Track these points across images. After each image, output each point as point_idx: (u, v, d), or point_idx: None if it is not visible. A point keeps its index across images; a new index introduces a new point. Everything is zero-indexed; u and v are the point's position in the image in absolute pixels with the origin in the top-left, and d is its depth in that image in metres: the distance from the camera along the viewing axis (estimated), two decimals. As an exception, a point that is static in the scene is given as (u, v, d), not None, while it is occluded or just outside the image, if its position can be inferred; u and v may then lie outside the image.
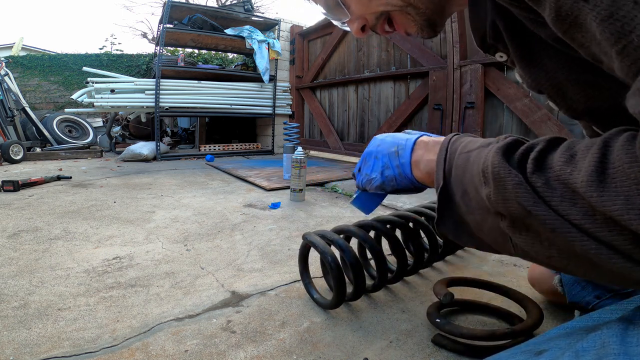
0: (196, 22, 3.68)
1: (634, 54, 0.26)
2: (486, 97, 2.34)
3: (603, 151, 0.28)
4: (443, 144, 0.47)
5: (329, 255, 0.71)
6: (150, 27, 14.30)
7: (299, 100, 4.23)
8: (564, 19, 0.30)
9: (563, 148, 0.33)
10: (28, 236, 1.22)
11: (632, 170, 0.26)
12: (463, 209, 0.42)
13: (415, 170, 0.53)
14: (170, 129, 5.13)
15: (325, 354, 0.63)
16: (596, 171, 0.28)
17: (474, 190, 0.39)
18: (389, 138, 0.59)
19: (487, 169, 0.36)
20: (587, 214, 0.29)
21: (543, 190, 0.31)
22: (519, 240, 0.35)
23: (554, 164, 0.31)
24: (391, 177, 0.56)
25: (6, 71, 3.57)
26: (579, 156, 0.30)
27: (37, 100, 5.64)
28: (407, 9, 0.51)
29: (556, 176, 0.31)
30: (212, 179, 2.46)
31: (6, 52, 9.08)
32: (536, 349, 0.36)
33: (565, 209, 0.30)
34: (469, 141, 0.43)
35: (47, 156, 3.39)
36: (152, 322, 0.72)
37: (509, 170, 0.33)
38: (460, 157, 0.42)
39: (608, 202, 0.27)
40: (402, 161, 0.54)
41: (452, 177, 0.43)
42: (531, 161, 0.33)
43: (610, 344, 0.29)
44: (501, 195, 0.34)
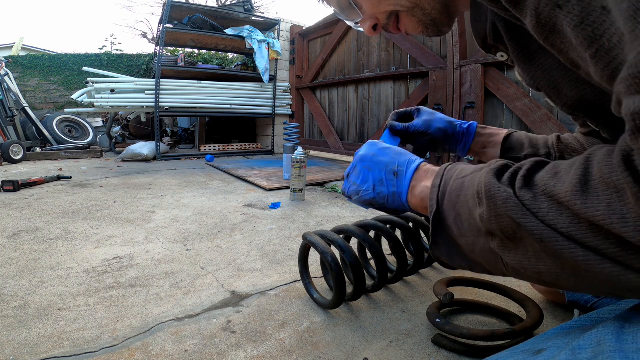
0: (196, 22, 3.68)
1: (606, 57, 0.27)
2: (486, 97, 2.34)
3: (585, 166, 0.30)
4: (439, 171, 0.48)
5: (329, 255, 0.71)
6: (150, 27, 14.30)
7: (299, 100, 4.23)
8: (543, 25, 0.32)
9: (549, 167, 0.35)
10: (28, 236, 1.22)
11: (611, 180, 0.27)
12: (455, 232, 0.43)
13: (409, 195, 0.52)
14: (170, 129, 5.13)
15: (325, 354, 0.63)
16: (579, 182, 0.29)
17: (467, 212, 0.40)
18: (388, 152, 0.57)
19: (481, 190, 0.37)
20: (573, 222, 0.30)
21: (531, 204, 0.33)
22: (509, 259, 0.36)
23: (540, 181, 0.33)
24: (384, 196, 0.54)
25: (6, 71, 3.57)
26: (562, 172, 0.32)
27: (37, 100, 5.64)
28: (414, 10, 0.54)
29: (542, 191, 0.33)
30: (212, 179, 2.46)
31: (6, 52, 9.08)
32: (535, 349, 0.36)
33: (553, 219, 0.31)
34: (463, 168, 0.45)
35: (47, 156, 3.39)
36: (152, 322, 0.72)
37: (499, 187, 0.35)
38: (456, 182, 0.44)
39: (591, 209, 0.28)
40: (400, 184, 0.53)
41: (446, 202, 0.44)
42: (520, 179, 0.35)
43: (606, 341, 0.29)
44: (493, 211, 0.35)
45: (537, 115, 2.06)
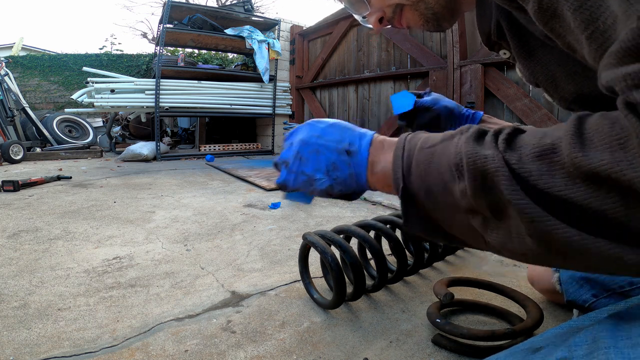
0: (196, 22, 3.68)
1: (600, 38, 0.29)
2: (486, 97, 2.34)
3: (578, 121, 0.29)
4: (399, 141, 0.43)
5: (329, 255, 0.71)
6: (150, 27, 14.30)
7: (299, 100, 4.24)
8: (545, 11, 0.33)
9: (532, 130, 0.33)
10: (28, 236, 1.22)
11: (613, 131, 0.26)
12: (429, 207, 0.39)
13: (369, 174, 0.45)
14: (170, 129, 5.13)
15: (325, 354, 0.63)
16: (575, 134, 0.28)
17: (441, 186, 0.36)
18: (334, 129, 0.48)
19: (461, 161, 0.34)
20: (569, 184, 0.28)
21: (519, 167, 0.30)
22: (492, 238, 0.34)
23: (527, 142, 0.31)
24: (340, 180, 0.46)
25: (6, 71, 3.57)
26: (550, 132, 0.31)
27: (37, 100, 5.64)
28: (418, 4, 0.56)
29: (530, 151, 0.30)
30: (212, 179, 2.46)
31: (6, 52, 9.07)
32: (533, 347, 0.36)
33: (546, 182, 0.29)
34: (428, 137, 0.40)
35: (47, 156, 3.39)
36: (152, 322, 0.72)
37: (485, 156, 0.32)
38: (422, 152, 0.39)
39: (595, 158, 0.26)
40: (355, 162, 0.45)
41: (413, 176, 0.39)
42: (502, 141, 0.32)
43: (601, 338, 0.30)
44: (480, 186, 0.32)
45: (537, 115, 2.06)
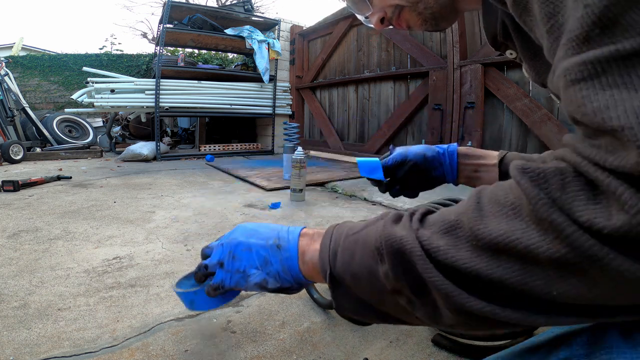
0: (196, 22, 3.68)
1: (556, 32, 0.29)
2: (486, 97, 2.34)
3: (477, 195, 0.31)
4: (327, 231, 0.45)
5: None
6: (150, 27, 14.30)
7: (299, 100, 4.24)
8: (518, 4, 0.34)
9: (441, 210, 0.35)
10: (28, 236, 1.22)
11: (507, 200, 0.28)
12: (358, 291, 0.40)
13: (301, 264, 0.47)
14: (170, 129, 5.13)
15: (325, 354, 0.63)
16: (475, 208, 0.30)
17: (367, 271, 0.37)
18: (262, 228, 0.52)
19: (381, 245, 0.35)
20: (473, 256, 0.29)
21: (428, 244, 0.32)
22: (420, 314, 0.34)
23: (436, 220, 0.33)
24: (274, 273, 0.48)
25: (6, 71, 3.57)
26: (455, 208, 0.33)
27: (37, 100, 5.64)
28: (417, 5, 0.56)
29: (439, 228, 0.32)
30: (212, 179, 2.46)
31: (6, 52, 9.08)
32: (533, 347, 0.36)
33: (453, 256, 0.30)
34: (354, 224, 0.42)
35: (47, 156, 3.39)
36: (152, 322, 0.72)
37: (401, 238, 0.33)
38: (347, 240, 0.40)
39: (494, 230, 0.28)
40: (286, 255, 0.47)
41: (338, 263, 0.40)
42: (415, 221, 0.34)
43: (603, 338, 0.30)
44: (399, 267, 0.33)
45: (537, 115, 2.06)
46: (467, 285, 0.30)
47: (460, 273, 0.30)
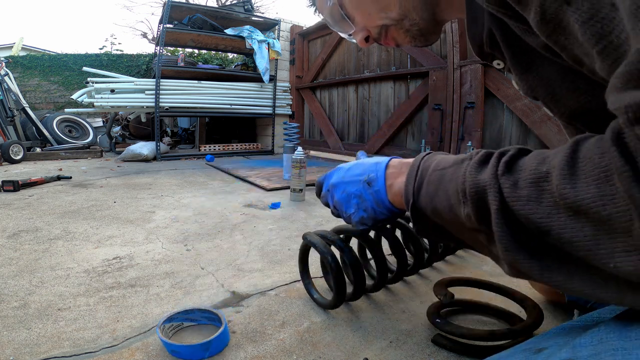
0: (196, 22, 3.68)
1: (614, 53, 0.27)
2: (486, 97, 2.34)
3: (574, 148, 0.30)
4: (415, 161, 0.47)
5: (329, 255, 0.71)
6: (150, 27, 14.31)
7: (299, 100, 4.24)
8: (548, 22, 0.31)
9: (535, 153, 0.34)
10: (28, 236, 1.22)
11: (601, 160, 0.27)
12: (438, 221, 0.43)
13: (390, 195, 0.51)
14: (170, 129, 5.13)
15: (325, 354, 0.63)
16: (567, 164, 0.29)
17: (448, 208, 0.39)
18: (355, 167, 0.57)
19: (465, 189, 0.36)
20: (552, 212, 0.30)
21: (509, 193, 0.32)
22: (495, 251, 0.36)
23: (526, 166, 0.33)
24: (369, 208, 0.53)
25: (6, 71, 3.57)
26: (550, 157, 0.32)
27: (37, 100, 5.64)
28: (403, 22, 0.55)
29: (526, 176, 0.32)
30: (212, 179, 2.46)
31: (6, 52, 9.07)
32: (535, 347, 0.36)
33: (531, 209, 0.31)
34: (442, 158, 0.44)
35: (47, 156, 3.39)
36: (152, 322, 0.72)
37: (484, 186, 0.35)
38: (434, 174, 0.42)
39: (581, 192, 0.27)
40: (376, 189, 0.52)
41: (422, 194, 0.43)
42: (502, 164, 0.34)
43: (608, 339, 0.29)
44: (481, 214, 0.35)
45: (537, 115, 2.06)
46: (530, 240, 0.32)
47: (530, 226, 0.31)
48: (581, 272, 0.30)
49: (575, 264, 0.30)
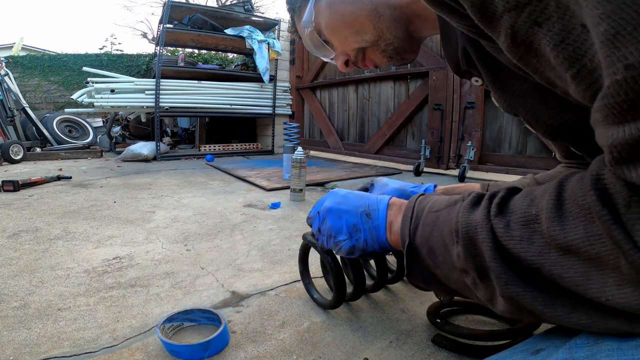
0: (196, 22, 3.68)
1: (588, 77, 0.26)
2: (486, 97, 2.34)
3: (559, 190, 0.31)
4: (410, 202, 0.48)
5: (329, 255, 0.71)
6: (150, 27, 14.31)
7: (299, 100, 4.24)
8: (519, 44, 0.30)
9: (523, 192, 0.35)
10: (28, 236, 1.22)
11: (585, 202, 0.28)
12: (430, 264, 0.43)
13: (388, 234, 0.50)
14: (170, 129, 5.13)
15: (325, 354, 0.63)
16: (554, 207, 0.30)
17: (442, 248, 0.40)
18: (352, 196, 0.56)
19: (458, 228, 0.38)
20: (543, 251, 0.31)
21: (502, 234, 0.34)
22: (480, 295, 0.38)
23: (516, 208, 0.34)
24: (362, 240, 0.52)
25: (6, 71, 3.57)
26: (538, 198, 0.33)
27: (37, 100, 5.64)
28: (378, 43, 0.56)
29: (517, 219, 0.33)
30: (212, 179, 2.46)
31: (6, 52, 9.07)
32: (533, 348, 0.36)
33: (523, 248, 0.32)
34: (436, 200, 0.45)
35: (47, 156, 3.39)
36: (152, 322, 0.72)
37: (476, 227, 0.36)
38: (429, 216, 0.43)
39: (570, 233, 0.28)
40: (375, 223, 0.51)
41: (418, 235, 0.44)
42: (494, 206, 0.36)
43: (604, 340, 0.29)
44: (470, 252, 0.36)
45: (537, 115, 2.06)
46: (525, 277, 0.33)
47: (522, 264, 0.32)
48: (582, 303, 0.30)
49: (575, 296, 0.30)
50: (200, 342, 0.60)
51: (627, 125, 0.23)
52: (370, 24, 0.55)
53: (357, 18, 0.56)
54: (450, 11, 0.35)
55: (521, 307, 0.33)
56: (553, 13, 0.26)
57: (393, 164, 3.05)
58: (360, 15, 0.55)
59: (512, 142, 2.27)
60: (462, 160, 2.41)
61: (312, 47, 0.64)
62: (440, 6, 0.35)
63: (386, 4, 0.54)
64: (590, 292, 0.28)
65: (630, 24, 0.21)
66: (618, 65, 0.22)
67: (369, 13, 0.55)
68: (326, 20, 0.59)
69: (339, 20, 0.58)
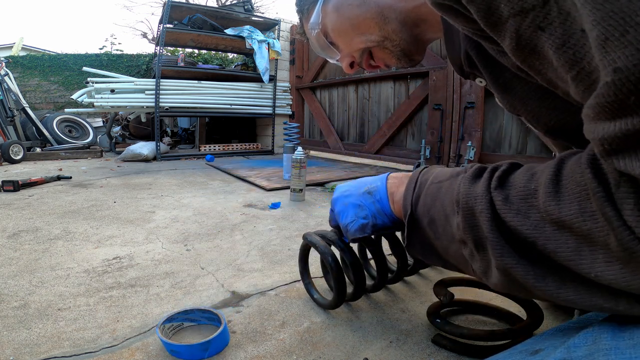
0: (196, 22, 3.68)
1: (586, 79, 0.27)
2: (486, 97, 2.34)
3: (558, 167, 0.32)
4: (414, 174, 0.49)
5: (329, 255, 0.71)
6: (150, 27, 14.31)
7: (299, 100, 4.23)
8: (523, 47, 0.31)
9: (524, 169, 0.36)
10: (28, 236, 1.22)
11: (581, 180, 0.28)
12: (430, 235, 0.44)
13: (391, 204, 0.52)
14: (170, 129, 5.13)
15: (325, 354, 0.63)
16: (552, 182, 0.31)
17: (444, 218, 0.41)
18: (354, 182, 0.60)
19: (459, 200, 0.38)
20: (538, 225, 0.32)
21: (501, 206, 0.34)
22: (476, 267, 0.39)
23: (516, 182, 0.35)
24: (369, 216, 0.54)
25: (6, 71, 3.57)
26: (538, 174, 0.33)
27: (37, 100, 5.64)
28: (384, 43, 0.57)
29: (516, 193, 0.34)
30: (212, 179, 2.46)
31: (6, 52, 9.08)
32: (532, 349, 0.36)
33: (519, 221, 0.33)
34: (439, 172, 0.45)
35: (47, 156, 3.39)
36: (152, 322, 0.72)
37: (476, 197, 0.37)
38: (431, 187, 0.44)
39: (564, 209, 0.29)
40: (378, 197, 0.54)
41: (420, 206, 0.45)
42: (495, 179, 0.36)
43: (602, 339, 0.30)
44: (468, 222, 0.37)
45: (537, 115, 2.06)
46: (520, 249, 0.34)
47: (518, 237, 0.33)
48: (571, 279, 0.31)
49: (565, 271, 0.31)
50: (200, 342, 0.60)
51: (617, 121, 0.24)
52: (376, 27, 0.56)
53: (363, 21, 0.57)
54: (456, 15, 0.36)
55: (513, 280, 0.34)
56: (555, 18, 0.27)
57: (393, 164, 3.05)
58: (366, 18, 0.56)
59: (512, 142, 2.26)
60: (462, 160, 2.41)
61: (318, 48, 0.65)
62: (447, 10, 0.36)
63: (392, 8, 0.55)
64: (580, 268, 0.29)
65: (618, 31, 0.22)
66: (608, 69, 0.23)
67: (375, 16, 0.55)
68: (333, 23, 0.60)
69: (346, 22, 0.58)
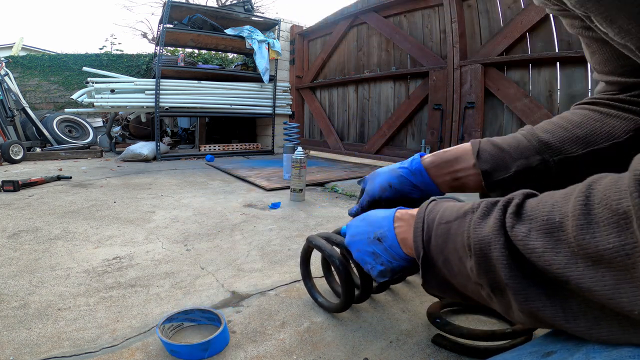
0: (196, 22, 3.68)
1: None
2: (486, 97, 2.34)
3: (586, 193, 0.29)
4: (419, 213, 0.48)
5: (337, 259, 0.69)
6: (150, 27, 14.31)
7: (299, 100, 4.23)
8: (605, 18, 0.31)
9: (541, 198, 0.33)
10: (28, 236, 1.22)
11: (619, 207, 0.26)
12: (446, 274, 0.43)
13: (404, 249, 0.51)
14: (170, 129, 5.13)
15: (325, 354, 0.63)
16: (582, 212, 0.28)
17: (457, 259, 0.40)
18: (362, 225, 0.58)
19: (470, 243, 0.37)
20: (570, 262, 0.29)
21: (524, 244, 0.31)
22: (496, 307, 0.37)
23: (536, 214, 0.32)
24: (385, 262, 0.54)
25: (6, 71, 3.57)
26: (560, 203, 0.31)
27: (37, 100, 5.63)
28: None
29: (539, 226, 0.31)
30: (212, 179, 2.46)
31: (6, 52, 9.08)
32: (543, 351, 0.35)
33: (547, 260, 0.30)
34: (445, 209, 0.44)
35: (47, 156, 3.39)
36: (152, 322, 0.72)
37: (489, 243, 0.34)
38: (440, 228, 0.43)
39: (602, 241, 0.26)
40: (388, 244, 0.53)
41: (432, 246, 0.44)
42: (510, 216, 0.34)
43: (623, 347, 0.28)
44: (483, 268, 0.35)
45: (537, 115, 2.06)
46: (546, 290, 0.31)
47: (546, 277, 0.30)
48: (607, 317, 0.28)
49: (600, 310, 0.28)
50: (200, 342, 0.60)
51: None
52: None
53: None
54: None
55: (541, 320, 0.32)
56: None
57: (393, 164, 3.04)
58: None
59: (512, 142, 2.26)
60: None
61: None
62: None
63: None
64: (621, 305, 0.26)
65: None
66: None
67: None
68: None
69: None
